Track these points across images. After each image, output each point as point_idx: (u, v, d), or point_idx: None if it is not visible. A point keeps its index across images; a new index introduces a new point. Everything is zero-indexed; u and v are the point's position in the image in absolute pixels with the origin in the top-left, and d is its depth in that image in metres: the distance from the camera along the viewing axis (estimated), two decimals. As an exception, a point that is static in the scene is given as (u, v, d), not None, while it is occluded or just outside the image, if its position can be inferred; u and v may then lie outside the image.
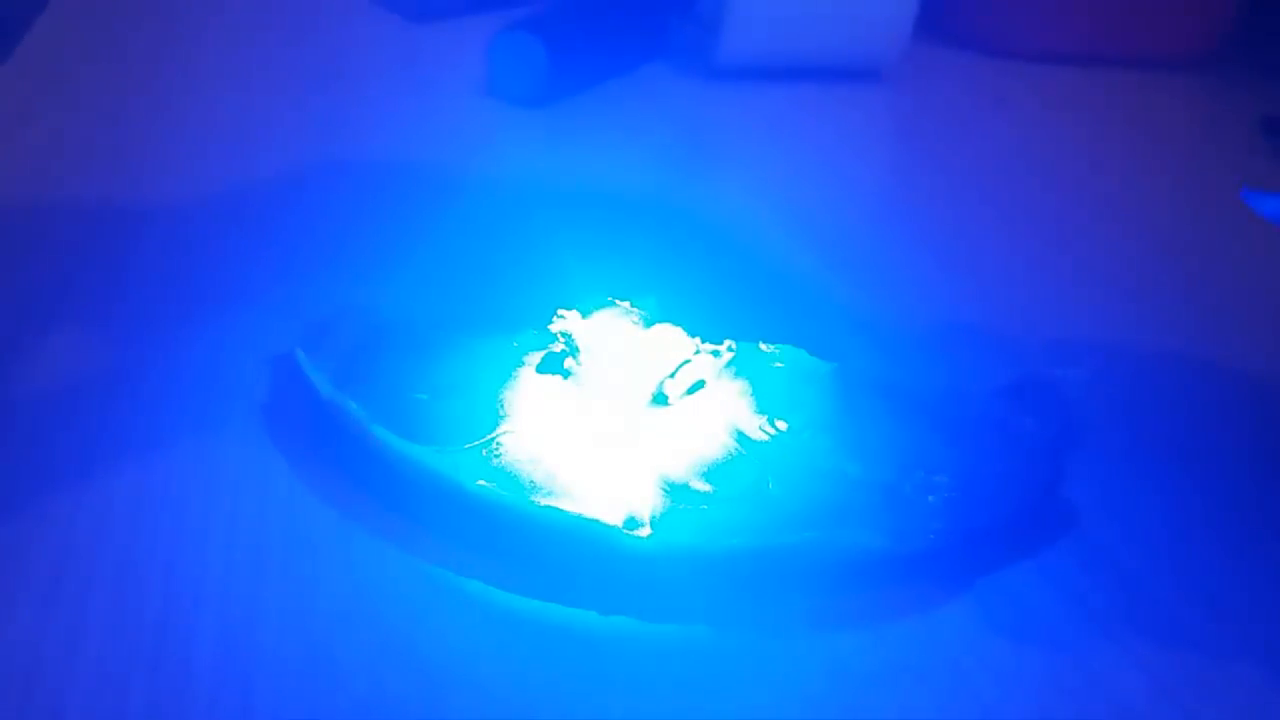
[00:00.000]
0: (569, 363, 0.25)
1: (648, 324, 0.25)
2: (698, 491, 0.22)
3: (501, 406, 0.24)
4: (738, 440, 0.24)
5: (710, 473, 0.23)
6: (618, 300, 0.26)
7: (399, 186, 0.38)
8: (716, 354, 0.25)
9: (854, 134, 0.47)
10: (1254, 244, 0.38)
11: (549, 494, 0.22)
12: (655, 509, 0.22)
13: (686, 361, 0.25)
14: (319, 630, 0.21)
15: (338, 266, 0.32)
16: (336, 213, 0.36)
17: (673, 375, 0.24)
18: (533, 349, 0.26)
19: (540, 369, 0.25)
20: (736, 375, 0.25)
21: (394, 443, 0.23)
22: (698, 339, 0.25)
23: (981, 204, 0.40)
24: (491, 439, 0.23)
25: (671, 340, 0.25)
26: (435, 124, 0.43)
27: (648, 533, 0.21)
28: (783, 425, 0.24)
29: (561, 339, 0.25)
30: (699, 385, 0.24)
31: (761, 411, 0.24)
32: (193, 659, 0.20)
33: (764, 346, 0.26)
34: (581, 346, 0.25)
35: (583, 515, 0.21)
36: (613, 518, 0.21)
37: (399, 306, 0.29)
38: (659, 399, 0.24)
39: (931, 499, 0.23)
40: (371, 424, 0.23)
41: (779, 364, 0.26)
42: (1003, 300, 0.34)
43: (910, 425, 0.25)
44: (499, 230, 0.35)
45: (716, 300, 0.28)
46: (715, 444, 0.24)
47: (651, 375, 0.24)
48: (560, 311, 0.25)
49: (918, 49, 0.51)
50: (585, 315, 0.25)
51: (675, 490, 0.22)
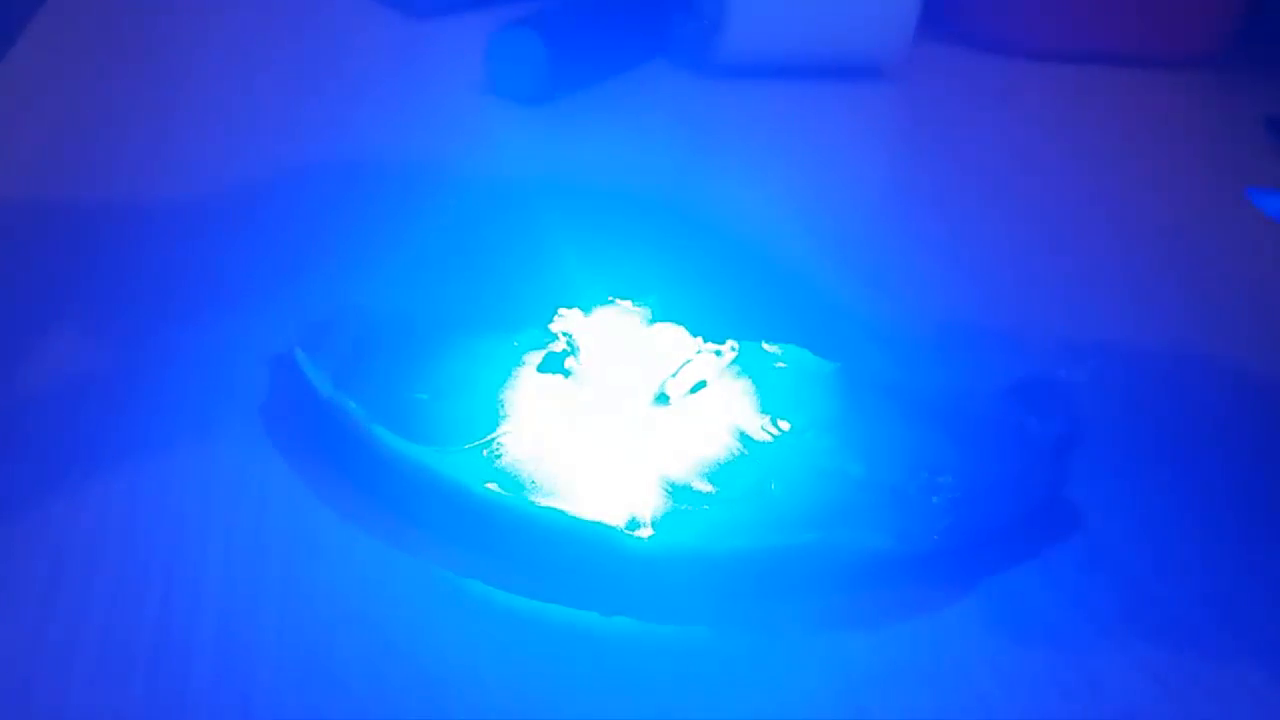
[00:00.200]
0: (570, 362, 0.25)
1: (649, 323, 0.25)
2: (700, 492, 0.22)
3: (502, 406, 0.24)
4: (740, 440, 0.24)
5: (712, 473, 0.23)
6: (619, 299, 0.26)
7: (398, 184, 0.38)
8: (719, 353, 0.25)
9: (856, 132, 0.47)
10: (1258, 244, 0.38)
11: (550, 494, 0.22)
12: (657, 509, 0.22)
13: (688, 361, 0.24)
14: (319, 630, 0.21)
15: (337, 266, 0.32)
16: (335, 211, 0.36)
17: (675, 375, 0.24)
18: (533, 348, 0.26)
19: (541, 369, 0.25)
20: (739, 375, 0.25)
21: (394, 443, 0.23)
22: (700, 338, 0.25)
23: (985, 203, 0.40)
24: (492, 439, 0.23)
25: (673, 340, 0.25)
26: (434, 121, 0.43)
27: (649, 533, 0.21)
28: (785, 425, 0.24)
29: (562, 338, 0.25)
30: (701, 385, 0.24)
31: (764, 411, 0.24)
32: (192, 659, 0.20)
33: (766, 346, 0.26)
34: (582, 346, 0.25)
35: (584, 516, 0.21)
36: (614, 518, 0.21)
37: (398, 306, 0.29)
38: (661, 399, 0.24)
39: (935, 500, 0.23)
40: (371, 424, 0.23)
41: (781, 364, 0.26)
42: (1006, 299, 0.34)
43: (914, 425, 0.25)
44: (499, 228, 0.35)
45: (718, 299, 0.28)
46: (717, 444, 0.23)
47: (653, 375, 0.24)
48: (561, 311, 0.25)
49: (921, 47, 0.51)
50: (586, 314, 0.25)
51: (677, 491, 0.22)
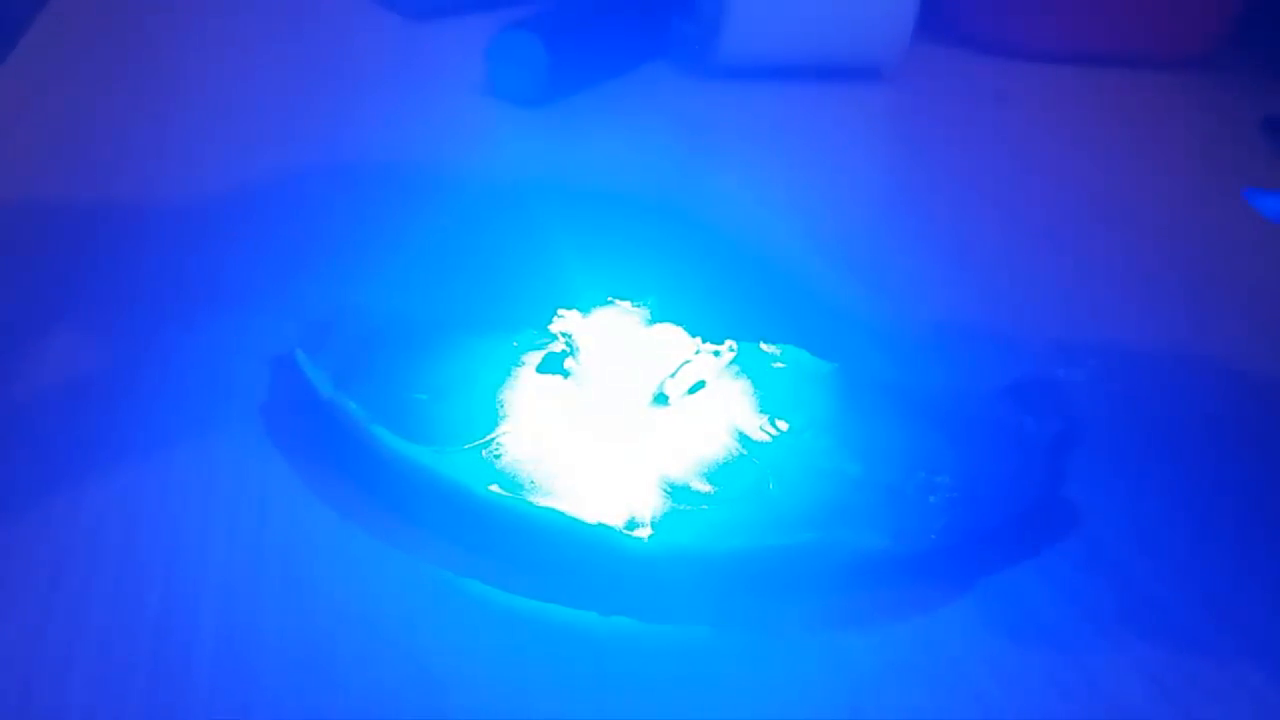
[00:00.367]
0: (569, 363, 0.25)
1: (648, 324, 0.25)
2: (698, 492, 0.22)
3: (501, 406, 0.24)
4: (739, 440, 0.24)
5: (711, 473, 0.23)
6: (618, 300, 0.26)
7: (398, 186, 0.38)
8: (717, 354, 0.25)
9: (855, 133, 0.47)
10: (1255, 244, 0.38)
11: (549, 494, 0.22)
12: (656, 509, 0.22)
13: (687, 361, 0.25)
14: (319, 630, 0.21)
15: (337, 266, 0.32)
16: (335, 212, 0.36)
17: (673, 375, 0.24)
18: (532, 349, 0.26)
19: (540, 369, 0.25)
20: (737, 375, 0.25)
21: (394, 443, 0.23)
22: (698, 339, 0.25)
23: (982, 203, 0.40)
24: (491, 439, 0.23)
25: (672, 340, 0.25)
26: (434, 123, 0.43)
27: (648, 533, 0.21)
28: (784, 425, 0.24)
29: (561, 339, 0.25)
30: (700, 385, 0.24)
31: (762, 411, 0.24)
32: (192, 659, 0.20)
33: (765, 346, 0.26)
34: (581, 346, 0.25)
35: (583, 516, 0.21)
36: (613, 518, 0.21)
37: (398, 306, 0.29)
38: (660, 399, 0.24)
39: (933, 499, 0.23)
40: (371, 424, 0.23)
41: (780, 364, 0.26)
42: (1003, 300, 0.34)
43: (911, 425, 0.25)
44: (498, 230, 0.35)
45: (717, 300, 0.28)
46: (716, 444, 0.24)
47: (652, 375, 0.24)
48: (560, 311, 0.25)
49: (919, 48, 0.51)
50: (585, 315, 0.25)
51: (676, 491, 0.22)
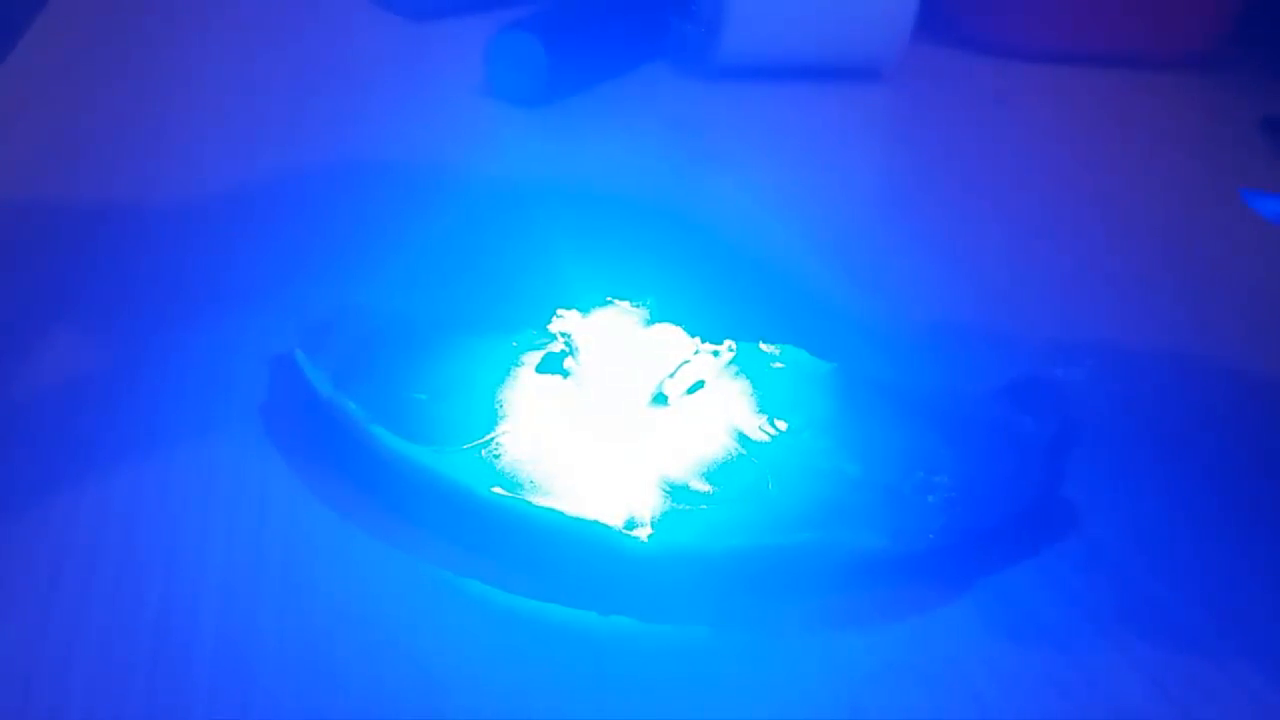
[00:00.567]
0: (568, 363, 0.25)
1: (647, 324, 0.25)
2: (698, 492, 0.22)
3: (500, 406, 0.24)
4: (738, 440, 0.24)
5: (710, 473, 0.23)
6: (617, 300, 0.26)
7: (398, 186, 0.38)
8: (716, 354, 0.25)
9: (854, 134, 0.47)
10: (1253, 244, 0.38)
11: (548, 494, 0.22)
12: (655, 509, 0.22)
13: (686, 361, 0.25)
14: (319, 630, 0.21)
15: (337, 266, 0.32)
16: (335, 212, 0.36)
17: (672, 375, 0.24)
18: (532, 349, 0.26)
19: (540, 369, 0.25)
20: (736, 375, 0.25)
21: (393, 443, 0.23)
22: (697, 339, 0.25)
23: (981, 204, 0.40)
24: (491, 439, 0.23)
25: (671, 340, 0.25)
26: (434, 123, 0.43)
27: (648, 533, 0.21)
28: (783, 425, 0.24)
29: (561, 339, 0.25)
30: (699, 385, 0.24)
31: (761, 411, 0.24)
32: (192, 659, 0.20)
33: (764, 346, 0.26)
34: (581, 346, 0.25)
35: (582, 516, 0.21)
36: (613, 518, 0.21)
37: (398, 306, 0.29)
38: (659, 399, 0.24)
39: (931, 499, 0.23)
40: (371, 424, 0.23)
41: (779, 364, 0.26)
42: (1002, 300, 0.34)
43: (910, 425, 0.25)
44: (498, 230, 0.35)
45: (716, 300, 0.28)
46: (715, 444, 0.24)
47: (651, 375, 0.24)
48: (560, 311, 0.25)
49: (918, 49, 0.51)
50: (585, 315, 0.25)
51: (675, 490, 0.22)
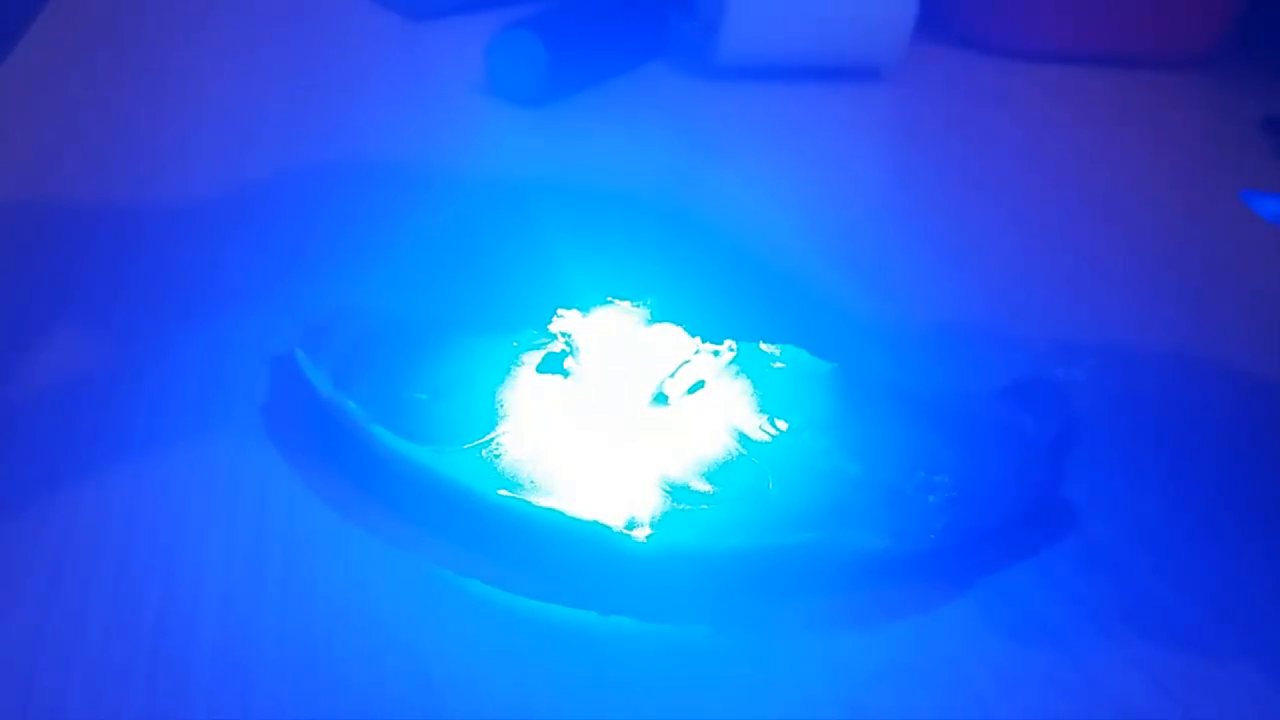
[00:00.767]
0: (569, 363, 0.25)
1: (648, 323, 0.25)
2: (698, 491, 0.22)
3: (501, 406, 0.24)
4: (738, 440, 0.24)
5: (710, 473, 0.23)
6: (618, 300, 0.26)
7: (398, 185, 0.38)
8: (717, 354, 0.25)
9: (854, 133, 0.47)
10: (1254, 244, 0.38)
11: (549, 494, 0.22)
12: (655, 509, 0.22)
13: (687, 361, 0.25)
14: (318, 630, 0.21)
15: (337, 266, 0.32)
16: (335, 212, 0.36)
17: (673, 375, 0.24)
18: (532, 349, 0.26)
19: (540, 369, 0.25)
20: (737, 375, 0.25)
21: (393, 442, 0.23)
22: (698, 339, 0.25)
23: (981, 203, 0.40)
24: (491, 439, 0.23)
25: (672, 340, 0.25)
26: (434, 123, 0.43)
27: (647, 533, 0.21)
28: (783, 425, 0.24)
29: (561, 339, 0.25)
30: (699, 385, 0.24)
31: (762, 411, 0.24)
32: (192, 659, 0.20)
33: (764, 346, 0.26)
34: (581, 346, 0.25)
35: (582, 515, 0.21)
36: (613, 518, 0.21)
37: (398, 306, 0.29)
38: (659, 399, 0.24)
39: (932, 499, 0.23)
40: (371, 424, 0.23)
41: (779, 364, 0.26)
42: (1003, 300, 0.34)
43: (911, 425, 0.25)
44: (498, 229, 0.35)
45: (716, 300, 0.28)
46: (715, 444, 0.24)
47: (652, 375, 0.24)
48: (560, 311, 0.25)
49: (918, 48, 0.51)
50: (585, 315, 0.25)
51: (675, 490, 0.22)
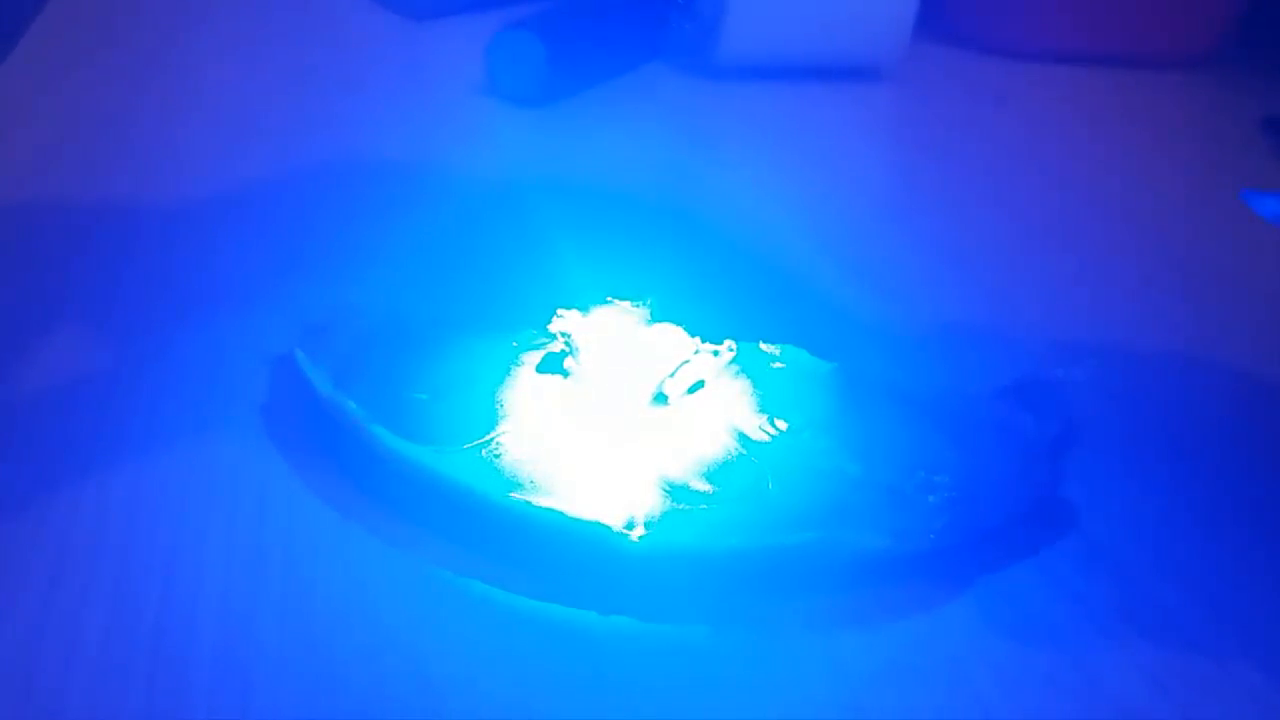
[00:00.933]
0: (569, 362, 0.25)
1: (648, 323, 0.25)
2: (698, 491, 0.22)
3: (501, 406, 0.24)
4: (738, 440, 0.24)
5: (710, 472, 0.23)
6: (618, 300, 0.26)
7: (397, 186, 0.38)
8: (717, 354, 0.25)
9: (854, 133, 0.47)
10: (1255, 244, 0.38)
11: (548, 494, 0.22)
12: (655, 509, 0.22)
13: (686, 361, 0.25)
14: (318, 630, 0.21)
15: (336, 266, 0.32)
16: (335, 212, 0.36)
17: (673, 375, 0.24)
18: (532, 349, 0.26)
19: (540, 369, 0.25)
20: (737, 375, 0.25)
21: (393, 442, 0.23)
22: (698, 339, 0.25)
23: (982, 203, 0.40)
24: (491, 439, 0.23)
25: (671, 340, 0.25)
26: (434, 123, 0.43)
27: (647, 533, 0.21)
28: (783, 425, 0.24)
29: (561, 339, 0.25)
30: (699, 385, 0.24)
31: (762, 411, 0.24)
32: (191, 659, 0.20)
33: (764, 346, 0.26)
34: (581, 346, 0.25)
35: (582, 515, 0.21)
36: (613, 518, 0.21)
37: (398, 306, 0.29)
38: (659, 399, 0.24)
39: (932, 499, 0.23)
40: (371, 424, 0.23)
41: (779, 364, 0.26)
42: (1003, 300, 0.34)
43: (911, 425, 0.25)
44: (498, 230, 0.35)
45: (716, 300, 0.28)
46: (715, 444, 0.24)
47: (651, 375, 0.24)
48: (560, 311, 0.25)
49: (918, 48, 0.51)
50: (585, 314, 0.25)
51: (675, 490, 0.22)
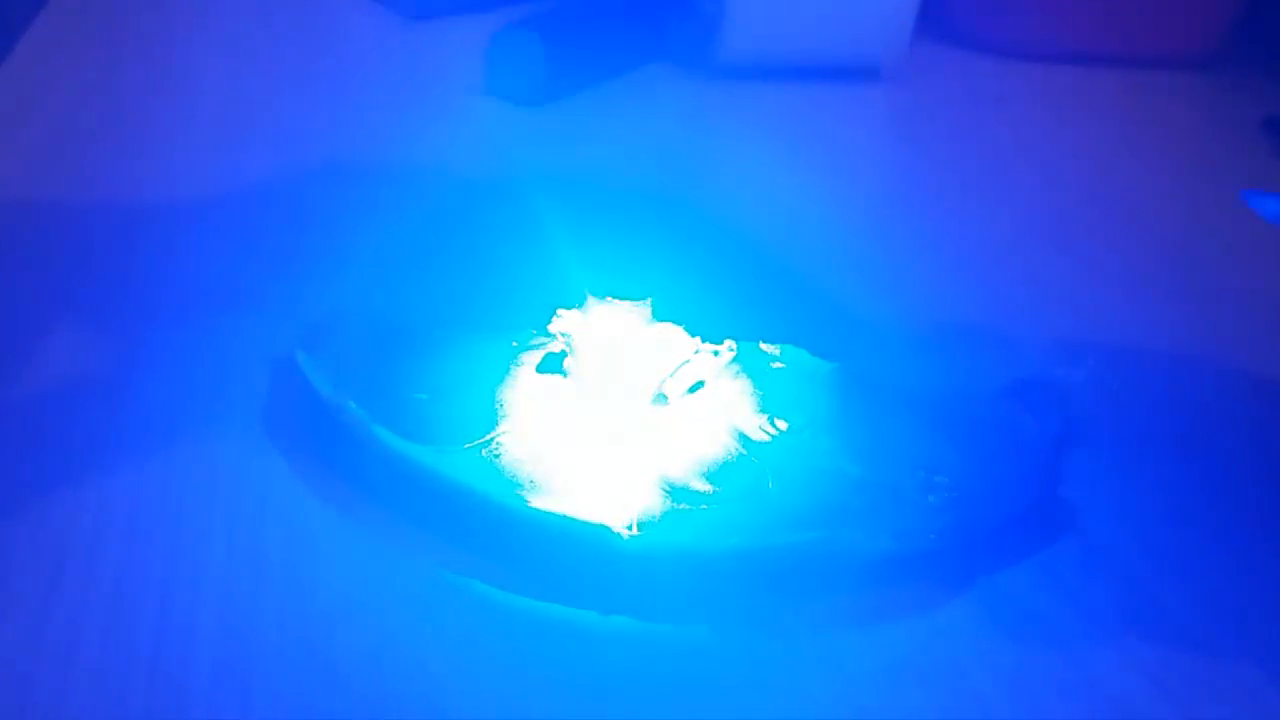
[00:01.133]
0: (569, 362, 0.25)
1: (648, 323, 0.25)
2: (698, 491, 0.22)
3: (501, 406, 0.24)
4: (738, 440, 0.24)
5: (710, 472, 0.23)
6: (617, 299, 0.26)
7: (397, 186, 0.38)
8: (717, 353, 0.25)
9: (854, 133, 0.47)
10: (1255, 244, 0.38)
11: (549, 494, 0.22)
12: (655, 509, 0.22)
13: (687, 361, 0.25)
14: (319, 630, 0.21)
15: (337, 266, 0.32)
16: (335, 212, 0.36)
17: (673, 375, 0.24)
18: (532, 349, 0.26)
19: (540, 369, 0.25)
20: (737, 375, 0.25)
21: (394, 443, 0.23)
22: (698, 338, 0.25)
23: (981, 203, 0.40)
24: (491, 439, 0.23)
25: (672, 340, 0.25)
26: (434, 122, 0.43)
27: (647, 533, 0.21)
28: (783, 425, 0.24)
29: (561, 338, 0.25)
30: (699, 385, 0.25)
31: (762, 411, 0.24)
32: (192, 659, 0.20)
33: (764, 346, 0.26)
34: (581, 346, 0.25)
35: (582, 516, 0.21)
36: (613, 518, 0.21)
37: (398, 306, 0.29)
38: (659, 399, 0.24)
39: (932, 499, 0.23)
40: (371, 424, 0.23)
41: (779, 364, 0.26)
42: (1003, 300, 0.34)
43: (911, 425, 0.25)
44: (498, 229, 0.35)
45: (717, 300, 0.28)
46: (715, 444, 0.24)
47: (652, 375, 0.24)
48: (560, 311, 0.25)
49: (918, 48, 0.51)
50: (585, 314, 0.25)
51: (675, 490, 0.22)
